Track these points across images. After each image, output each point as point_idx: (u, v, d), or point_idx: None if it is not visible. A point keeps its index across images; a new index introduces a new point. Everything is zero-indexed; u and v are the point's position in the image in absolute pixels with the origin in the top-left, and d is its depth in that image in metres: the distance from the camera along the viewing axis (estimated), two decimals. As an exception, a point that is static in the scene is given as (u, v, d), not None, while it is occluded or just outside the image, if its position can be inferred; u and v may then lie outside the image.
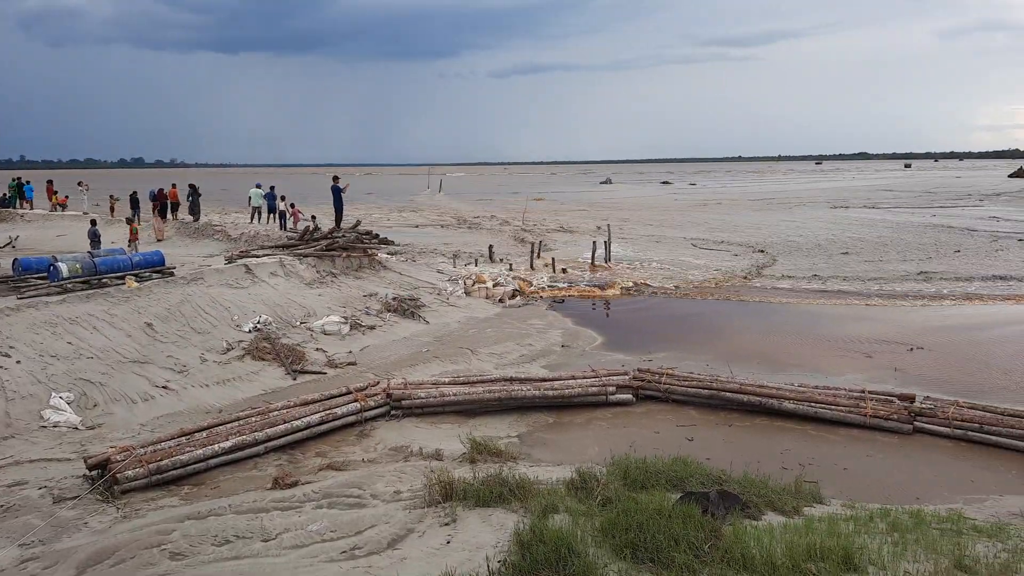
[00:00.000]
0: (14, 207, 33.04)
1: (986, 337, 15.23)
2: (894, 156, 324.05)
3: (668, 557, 4.95)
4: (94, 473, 8.00)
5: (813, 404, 10.33)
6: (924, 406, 9.98)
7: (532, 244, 26.08)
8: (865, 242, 31.58)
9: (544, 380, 11.40)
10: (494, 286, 19.88)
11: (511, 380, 11.28)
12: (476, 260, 24.82)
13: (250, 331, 14.15)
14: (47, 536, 6.75)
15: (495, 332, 15.93)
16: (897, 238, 32.69)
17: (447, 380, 11.39)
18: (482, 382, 11.23)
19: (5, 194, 34.02)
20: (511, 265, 24.18)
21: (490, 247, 26.70)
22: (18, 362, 11.01)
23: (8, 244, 23.19)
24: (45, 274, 15.74)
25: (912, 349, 14.21)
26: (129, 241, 21.18)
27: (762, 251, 29.00)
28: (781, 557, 4.94)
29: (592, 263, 24.69)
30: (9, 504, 7.46)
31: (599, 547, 5.21)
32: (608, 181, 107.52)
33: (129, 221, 22.39)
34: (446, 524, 6.23)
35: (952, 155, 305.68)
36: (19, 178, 35.81)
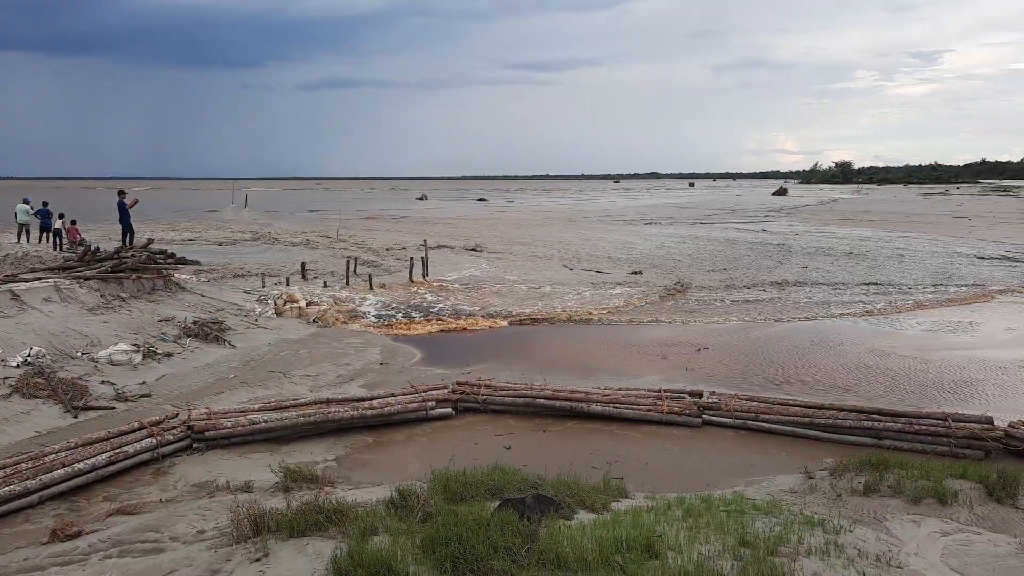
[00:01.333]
0: None
1: (759, 336, 17.34)
2: (680, 176, 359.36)
3: (487, 566, 5.05)
4: None
5: (617, 405, 11.10)
6: (710, 400, 11.12)
7: (348, 260, 25.48)
8: (720, 257, 32.72)
9: (362, 400, 11.15)
10: (308, 305, 19.14)
11: (327, 402, 10.90)
12: (288, 279, 23.75)
13: (18, 366, 12.40)
14: None
15: (309, 353, 15.32)
16: (737, 253, 34.34)
17: (256, 407, 10.75)
18: (295, 406, 10.73)
19: None
20: (325, 282, 23.44)
21: (302, 264, 25.71)
22: None
23: None
24: None
25: (700, 350, 15.78)
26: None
27: (638, 272, 27.85)
28: (591, 552, 5.24)
29: (410, 279, 24.64)
30: None
31: (419, 564, 5.20)
32: (424, 197, 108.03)
33: None
34: (257, 559, 5.86)
35: (727, 175, 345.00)
36: None
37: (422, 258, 26.03)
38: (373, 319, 18.82)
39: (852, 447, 9.73)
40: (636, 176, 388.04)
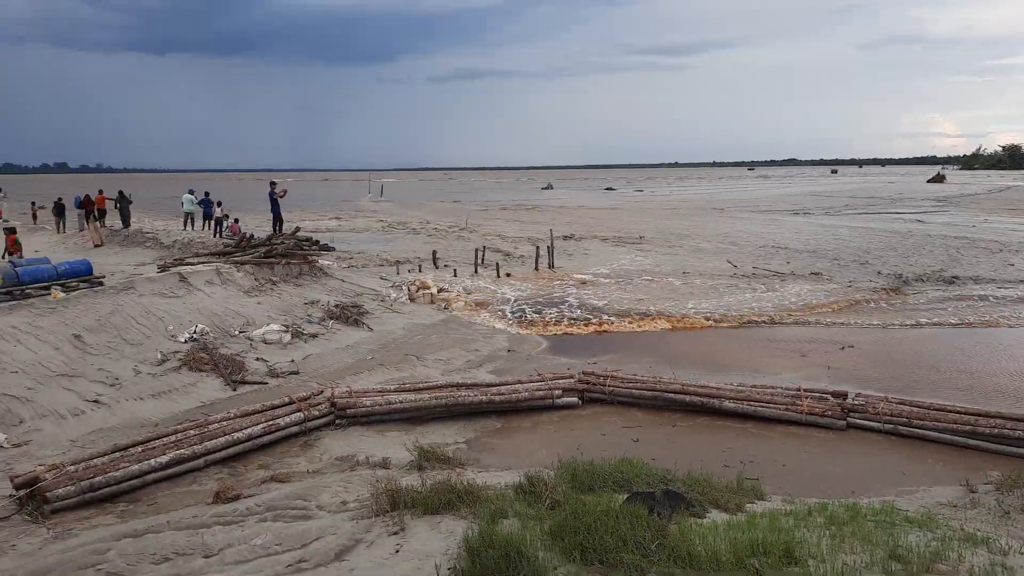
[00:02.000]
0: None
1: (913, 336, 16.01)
2: (821, 162, 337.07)
3: (616, 557, 5.02)
4: (22, 493, 7.60)
5: (752, 403, 10.66)
6: (856, 402, 10.42)
7: (476, 250, 26.08)
8: (892, 250, 29.07)
9: (491, 385, 11.41)
10: (439, 292, 19.80)
11: (458, 386, 11.25)
12: (420, 266, 24.68)
13: (186, 341, 13.71)
14: (-31, 562, 6.38)
15: (440, 338, 15.86)
16: (903, 244, 30.70)
17: (393, 387, 11.29)
18: (428, 388, 11.17)
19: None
20: (455, 271, 24.13)
21: (433, 252, 26.59)
22: (-67, 379, 10.39)
23: None
24: (-39, 285, 14.89)
25: (844, 348, 14.81)
26: (9, 252, 19.19)
27: (818, 273, 23.93)
28: (726, 553, 5.07)
29: (535, 268, 24.86)
30: (-80, 532, 7.02)
31: (548, 550, 5.25)
32: (550, 187, 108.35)
33: (10, 231, 20.22)
34: (394, 533, 6.16)
35: (875, 161, 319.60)
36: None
37: (548, 248, 26.16)
38: (510, 315, 18.30)
39: (1022, 461, 8.81)
40: (772, 163, 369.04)
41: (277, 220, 22.31)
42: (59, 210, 26.84)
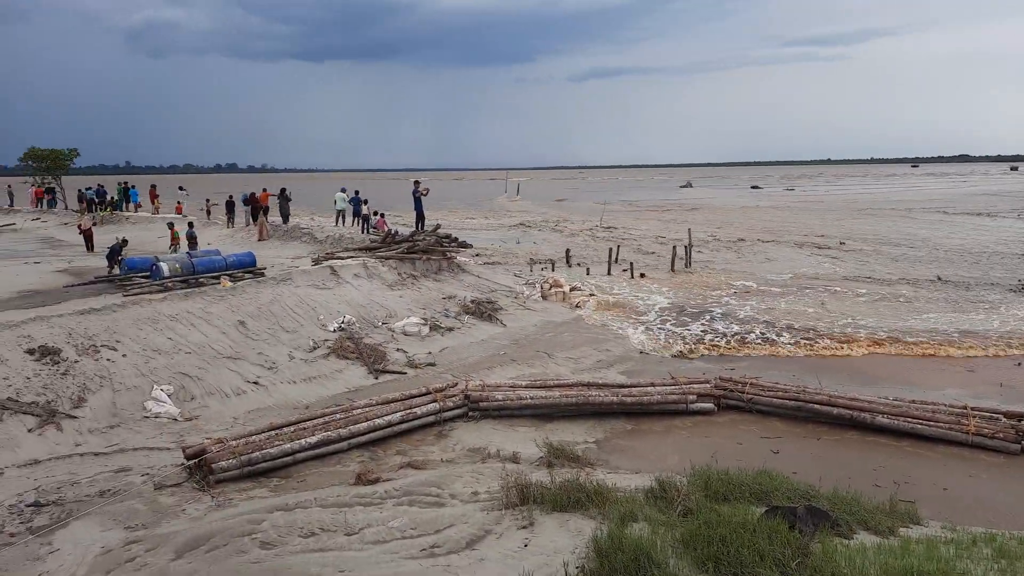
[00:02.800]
0: (120, 210, 35.35)
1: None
2: (999, 158, 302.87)
3: (753, 572, 4.80)
4: (191, 463, 8.43)
5: (909, 419, 9.80)
6: (1034, 425, 9.30)
7: (610, 248, 25.85)
8: None
9: (622, 386, 11.27)
10: (571, 290, 19.82)
11: (588, 385, 11.20)
12: (553, 264, 24.82)
13: (335, 331, 14.61)
14: (149, 520, 7.17)
15: (572, 337, 15.87)
16: None
17: (524, 383, 11.43)
18: (559, 386, 11.21)
19: (112, 197, 36.46)
20: (588, 269, 24.05)
21: (567, 251, 26.66)
22: (124, 356, 11.75)
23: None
24: (148, 273, 16.77)
25: (1021, 363, 13.28)
26: (170, 244, 21.44)
27: None
28: (875, 579, 4.70)
29: (671, 269, 24.26)
30: (116, 489, 7.97)
31: (679, 558, 5.10)
32: (688, 185, 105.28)
33: (169, 226, 22.58)
34: (523, 527, 6.24)
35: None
36: (125, 183, 38.29)
37: (686, 248, 25.45)
38: (650, 323, 17.05)
39: None
40: (940, 159, 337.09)
41: (420, 218, 23.27)
42: (229, 206, 29.48)
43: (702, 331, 16.33)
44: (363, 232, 25.29)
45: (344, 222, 28.25)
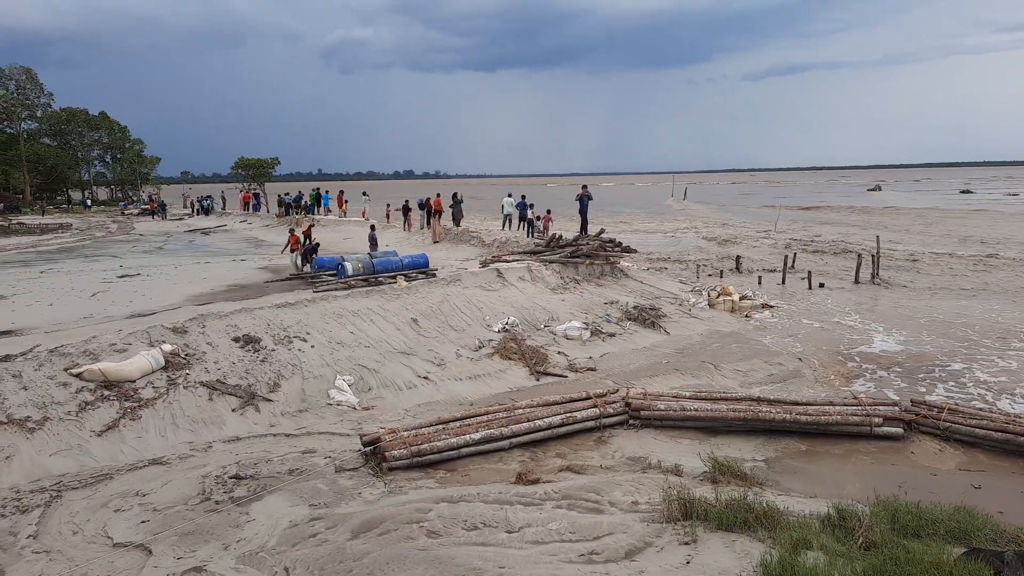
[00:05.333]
0: (313, 213, 38.84)
1: None
2: None
3: (950, 622, 4.28)
4: (367, 449, 9.03)
5: None
6: None
7: (785, 256, 24.36)
8: None
9: (796, 404, 10.53)
10: (741, 299, 18.91)
11: (758, 400, 10.59)
12: (721, 271, 23.83)
13: (499, 331, 15.02)
14: (329, 500, 7.76)
15: (740, 348, 15.12)
16: None
17: (688, 394, 11.05)
18: (725, 399, 10.71)
19: (306, 201, 40.16)
20: (760, 278, 22.82)
21: (737, 258, 25.49)
22: (312, 347, 12.85)
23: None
24: (334, 271, 18.25)
25: None
26: (291, 248, 22.29)
27: None
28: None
29: (855, 281, 22.38)
30: (302, 468, 8.73)
31: (861, 596, 4.68)
32: (877, 188, 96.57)
33: (291, 232, 23.55)
34: (685, 543, 6.03)
35: None
36: (318, 188, 42.05)
37: (873, 257, 23.36)
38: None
39: None
40: None
41: (584, 221, 23.36)
42: (405, 211, 31.39)
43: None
44: (528, 236, 25.80)
45: (511, 226, 29.01)
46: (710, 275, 23.23)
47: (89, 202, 68.05)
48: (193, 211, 53.04)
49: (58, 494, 8.06)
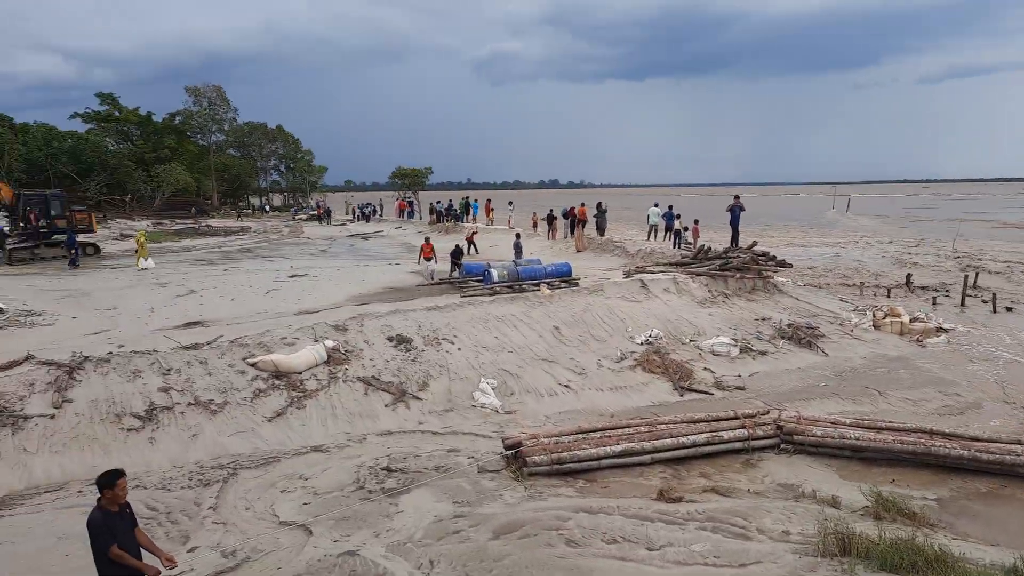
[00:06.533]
0: (462, 221, 40.28)
1: None
2: None
3: None
4: (509, 453, 9.20)
5: None
6: None
7: (965, 275, 22.05)
8: None
9: (976, 439, 9.47)
10: (911, 321, 17.33)
11: (931, 433, 9.64)
12: (888, 290, 21.97)
13: (642, 343, 14.77)
14: (472, 499, 7.99)
15: (910, 374, 13.85)
16: None
17: (848, 421, 10.27)
18: (892, 430, 9.84)
19: (456, 210, 41.73)
20: (934, 299, 20.80)
21: (907, 276, 23.39)
22: (459, 349, 13.31)
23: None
24: (481, 277, 18.80)
25: None
26: (423, 257, 21.71)
27: None
28: None
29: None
30: (447, 466, 9.05)
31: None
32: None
33: (426, 239, 22.82)
34: (843, 581, 5.61)
35: None
36: (467, 197, 43.58)
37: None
38: None
39: None
40: None
41: (735, 233, 22.47)
42: (550, 220, 31.73)
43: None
44: (674, 247, 25.20)
45: (656, 237, 28.47)
46: (875, 294, 21.49)
47: (268, 208, 74.89)
48: (354, 217, 56.74)
49: (234, 472, 8.90)
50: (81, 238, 28.87)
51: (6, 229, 29.13)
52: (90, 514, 4.88)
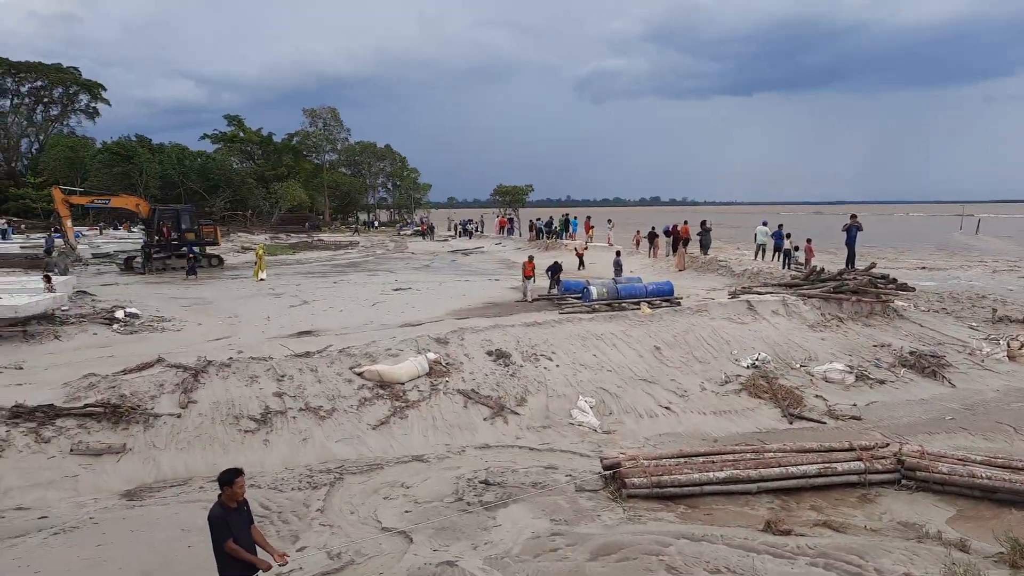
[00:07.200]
0: (561, 238, 40.35)
1: None
2: None
3: None
4: (607, 473, 9.06)
5: None
6: None
7: (1117, 304, 19.90)
8: None
9: None
10: (1052, 353, 15.79)
11: (1078, 476, 8.72)
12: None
13: (748, 367, 14.22)
14: (569, 518, 7.91)
15: (1052, 410, 12.60)
16: None
17: (978, 458, 9.44)
18: (1031, 470, 8.97)
19: (556, 226, 41.87)
20: (1080, 328, 18.87)
21: (1048, 303, 21.36)
22: (557, 366, 13.29)
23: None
24: (580, 295, 18.71)
25: None
26: (524, 276, 20.25)
27: None
28: None
29: None
30: (544, 483, 9.02)
31: None
32: None
33: (530, 258, 20.73)
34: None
35: None
36: (567, 214, 43.64)
37: None
38: None
39: None
40: None
41: (851, 254, 21.32)
42: (651, 238, 31.23)
43: None
44: (784, 267, 24.18)
45: (764, 256, 27.43)
46: (1012, 321, 19.75)
47: (376, 223, 78.05)
48: (456, 233, 58.07)
49: (340, 477, 9.23)
50: (208, 250, 31.11)
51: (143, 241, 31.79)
52: (211, 509, 5.18)
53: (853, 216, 21.67)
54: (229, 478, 5.21)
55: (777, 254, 25.97)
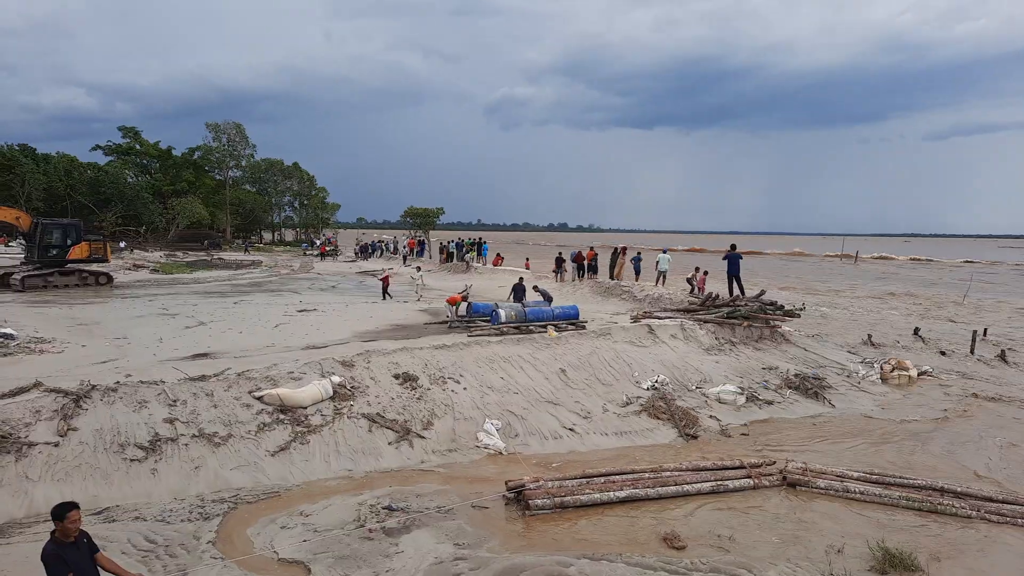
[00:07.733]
0: (471, 262, 40.58)
1: None
2: None
3: None
4: (511, 495, 9.13)
5: None
6: None
7: (974, 332, 21.94)
8: None
9: (990, 500, 9.35)
10: (918, 375, 17.22)
11: (941, 491, 9.52)
12: (898, 341, 21.87)
13: (648, 388, 14.71)
14: (472, 541, 7.91)
15: (927, 430, 13.69)
16: None
17: (855, 474, 10.16)
18: (900, 485, 9.73)
19: (464, 246, 42.08)
20: (943, 351, 20.68)
21: (915, 329, 23.30)
22: (464, 389, 13.29)
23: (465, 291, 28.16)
24: (488, 317, 18.84)
25: None
26: (449, 304, 20.09)
27: None
28: None
29: (1062, 361, 19.61)
30: (449, 507, 8.98)
31: None
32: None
33: (464, 294, 21.23)
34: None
35: None
36: (480, 238, 43.95)
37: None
38: None
39: None
40: None
41: (736, 281, 22.45)
42: (558, 262, 31.94)
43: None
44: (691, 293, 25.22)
45: (664, 283, 28.52)
46: (882, 346, 21.38)
47: (280, 241, 75.81)
48: (363, 254, 57.25)
49: (235, 506, 8.86)
50: (94, 268, 29.24)
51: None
52: (44, 548, 4.95)
53: (732, 246, 22.86)
54: (60, 513, 5.01)
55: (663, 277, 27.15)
